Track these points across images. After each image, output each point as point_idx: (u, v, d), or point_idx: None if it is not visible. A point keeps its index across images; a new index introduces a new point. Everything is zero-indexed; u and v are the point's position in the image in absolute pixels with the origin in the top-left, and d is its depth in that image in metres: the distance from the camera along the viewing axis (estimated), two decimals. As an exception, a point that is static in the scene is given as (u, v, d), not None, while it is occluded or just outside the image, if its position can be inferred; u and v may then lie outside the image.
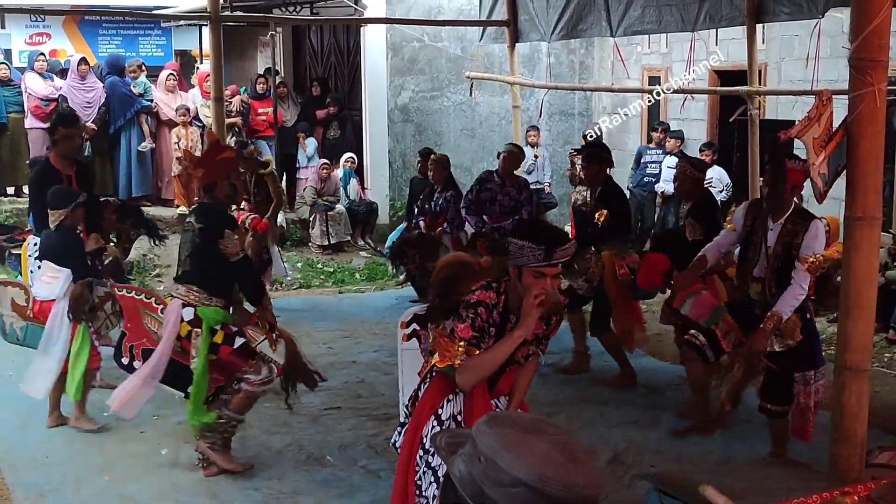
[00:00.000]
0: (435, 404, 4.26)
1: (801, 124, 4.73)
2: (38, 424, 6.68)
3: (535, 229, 4.03)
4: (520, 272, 3.94)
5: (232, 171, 6.00)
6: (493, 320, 4.06)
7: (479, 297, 4.08)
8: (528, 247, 3.88)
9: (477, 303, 4.05)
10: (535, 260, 3.88)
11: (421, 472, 4.18)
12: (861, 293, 4.46)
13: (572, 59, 14.79)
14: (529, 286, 3.92)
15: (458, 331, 4.04)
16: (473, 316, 4.02)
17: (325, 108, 14.35)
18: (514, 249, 3.93)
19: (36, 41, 14.95)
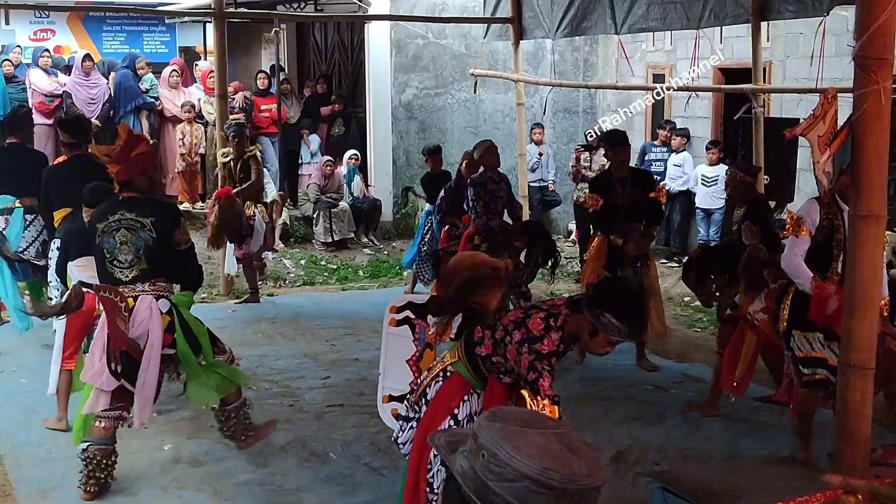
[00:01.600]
0: (452, 405, 4.31)
1: (806, 122, 4.72)
2: (41, 420, 6.68)
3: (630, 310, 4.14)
4: (595, 332, 4.12)
5: (148, 165, 5.88)
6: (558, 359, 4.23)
7: (548, 347, 4.17)
8: (619, 327, 4.08)
9: (550, 353, 4.16)
10: (618, 336, 4.11)
11: (434, 471, 4.22)
12: (865, 291, 4.44)
13: (577, 57, 14.77)
14: (600, 346, 4.18)
15: (542, 388, 4.12)
16: (549, 368, 4.15)
17: (330, 106, 14.35)
18: (606, 322, 4.06)
19: (40, 37, 14.95)
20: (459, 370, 4.36)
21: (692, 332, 9.44)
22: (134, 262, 5.57)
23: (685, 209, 12.36)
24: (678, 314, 9.91)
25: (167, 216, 5.76)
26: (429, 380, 4.47)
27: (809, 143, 4.71)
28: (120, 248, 5.58)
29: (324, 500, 5.56)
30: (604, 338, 4.12)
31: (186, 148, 13.41)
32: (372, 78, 14.09)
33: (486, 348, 4.30)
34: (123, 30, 15.54)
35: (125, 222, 5.59)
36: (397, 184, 14.06)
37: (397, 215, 13.92)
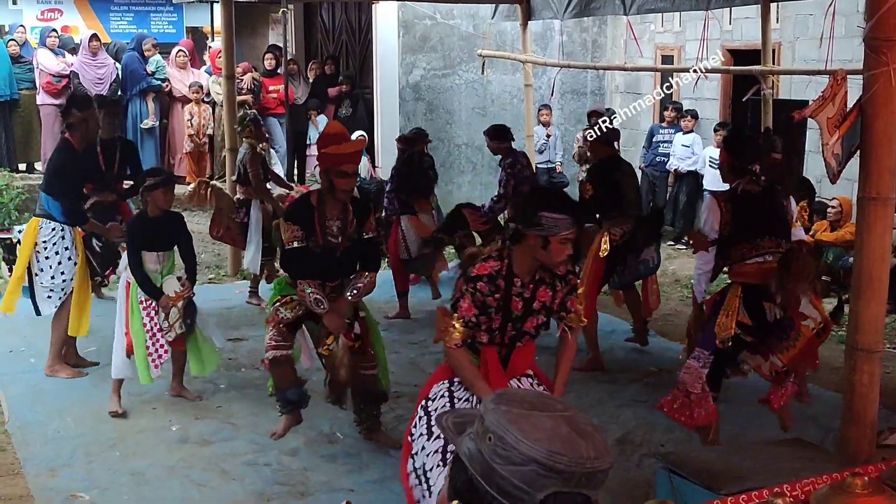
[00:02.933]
0: (450, 374, 4.38)
1: (815, 104, 4.69)
2: (49, 399, 6.71)
3: (564, 203, 4.18)
4: (546, 241, 4.06)
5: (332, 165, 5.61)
6: (497, 287, 4.18)
7: (479, 269, 4.21)
8: (564, 219, 4.05)
9: (477, 277, 4.19)
10: (567, 229, 4.05)
11: (416, 419, 4.33)
12: (873, 274, 4.44)
13: (585, 38, 14.72)
14: (559, 252, 4.09)
15: (460, 308, 4.19)
16: (473, 290, 4.17)
17: (338, 87, 14.33)
18: (548, 222, 4.04)
19: (47, 17, 14.95)
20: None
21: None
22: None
23: (692, 190, 12.32)
24: (684, 296, 9.90)
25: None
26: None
27: (818, 126, 4.68)
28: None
29: (331, 479, 5.58)
30: (555, 241, 4.06)
31: (194, 128, 13.42)
32: (379, 59, 14.06)
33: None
34: (131, 10, 15.55)
35: None
36: (405, 165, 14.01)
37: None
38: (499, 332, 4.28)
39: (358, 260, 5.86)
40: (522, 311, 4.26)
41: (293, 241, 5.61)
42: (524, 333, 4.33)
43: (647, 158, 12.68)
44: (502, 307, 4.20)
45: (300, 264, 5.67)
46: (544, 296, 4.28)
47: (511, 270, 4.19)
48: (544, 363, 4.88)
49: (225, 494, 5.42)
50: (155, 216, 6.46)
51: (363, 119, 14.25)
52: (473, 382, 4.23)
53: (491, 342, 4.30)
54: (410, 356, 7.96)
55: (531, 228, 4.08)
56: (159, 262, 6.47)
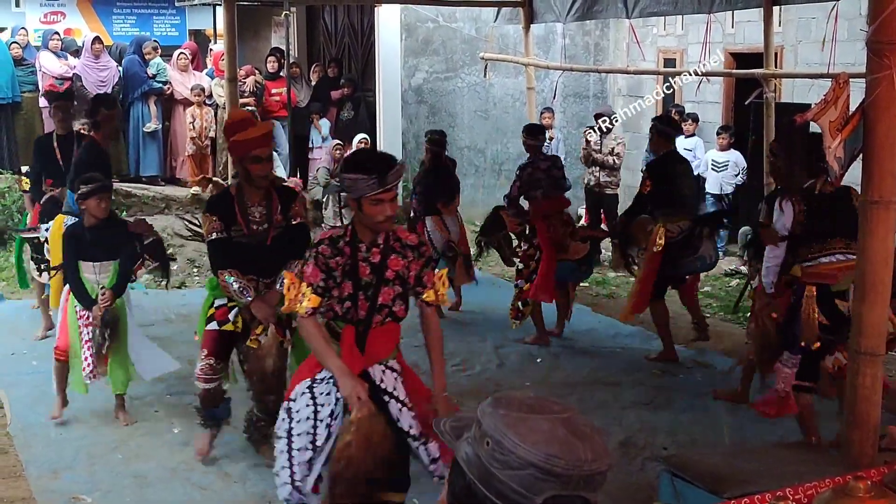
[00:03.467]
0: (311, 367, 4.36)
1: (818, 107, 4.69)
2: (51, 402, 6.71)
3: (363, 160, 4.22)
4: (360, 203, 4.12)
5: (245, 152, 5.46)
6: (341, 251, 4.21)
7: (321, 235, 4.33)
8: (361, 178, 4.06)
9: (319, 241, 4.27)
10: (370, 189, 4.06)
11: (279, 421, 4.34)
12: (876, 277, 4.43)
13: (587, 41, 14.72)
14: (372, 214, 4.11)
15: (306, 274, 4.22)
16: (316, 254, 4.22)
17: (340, 89, 14.33)
18: (349, 184, 4.12)
19: (50, 20, 14.96)
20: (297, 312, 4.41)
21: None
22: None
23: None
24: (688, 299, 9.89)
25: None
26: None
27: (821, 129, 4.68)
28: None
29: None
30: (366, 202, 4.09)
31: (196, 131, 13.42)
32: (382, 61, 14.05)
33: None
34: (133, 12, 15.56)
35: None
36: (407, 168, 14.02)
37: (407, 199, 13.89)
38: (351, 303, 4.22)
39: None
40: (373, 278, 4.23)
41: (212, 232, 5.43)
42: (381, 307, 4.28)
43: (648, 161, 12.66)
44: (349, 272, 4.20)
45: (222, 255, 5.47)
46: (396, 264, 4.28)
47: (355, 236, 4.24)
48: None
49: (227, 497, 5.43)
50: (91, 225, 6.22)
51: (365, 122, 14.25)
52: (325, 355, 4.20)
53: (346, 317, 4.25)
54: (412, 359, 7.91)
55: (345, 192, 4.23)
56: (96, 272, 6.24)
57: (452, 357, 8.03)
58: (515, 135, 14.08)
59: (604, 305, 9.72)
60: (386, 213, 4.13)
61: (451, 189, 9.28)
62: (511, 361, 8.01)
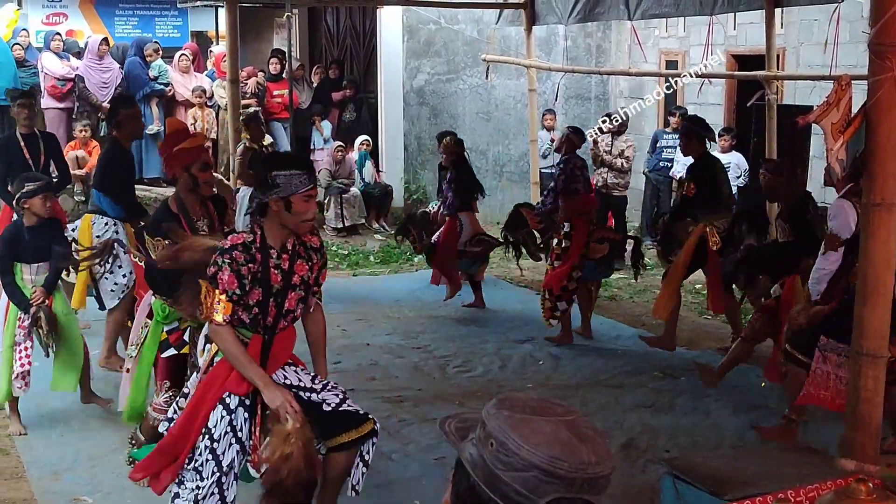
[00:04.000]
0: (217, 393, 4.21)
1: (820, 109, 4.70)
2: (53, 403, 6.72)
3: (289, 159, 4.28)
4: (288, 203, 4.07)
5: (192, 160, 5.39)
6: (253, 257, 4.13)
7: (232, 240, 4.16)
8: (297, 174, 4.07)
9: (232, 247, 4.13)
10: (304, 186, 4.09)
11: (203, 461, 4.17)
12: (878, 279, 4.43)
13: (589, 43, 14.72)
14: (303, 211, 4.11)
15: (220, 281, 4.08)
16: (230, 260, 4.09)
17: (341, 91, 14.34)
18: (283, 181, 4.06)
19: (52, 21, 14.98)
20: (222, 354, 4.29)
21: (703, 319, 9.43)
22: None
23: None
24: (688, 301, 9.89)
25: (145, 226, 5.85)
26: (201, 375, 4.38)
27: (823, 131, 4.68)
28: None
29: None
30: (297, 200, 4.08)
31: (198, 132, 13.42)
32: (384, 63, 14.06)
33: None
34: (136, 14, 15.57)
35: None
36: (408, 169, 14.05)
37: (408, 201, 13.91)
38: (260, 310, 4.18)
39: None
40: (282, 284, 4.20)
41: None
42: (287, 312, 4.27)
43: (650, 163, 12.66)
44: (261, 279, 4.14)
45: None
46: (302, 269, 4.27)
47: (265, 241, 4.16)
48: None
49: (228, 499, 5.42)
50: (32, 225, 6.08)
51: (367, 124, 14.26)
52: (247, 366, 4.12)
53: (252, 324, 4.20)
54: (414, 360, 7.97)
55: (270, 193, 4.08)
56: (33, 273, 6.16)
57: (454, 358, 8.05)
58: (517, 136, 14.13)
59: (606, 308, 9.72)
60: (313, 210, 4.19)
61: (480, 187, 9.65)
62: (513, 363, 8.01)
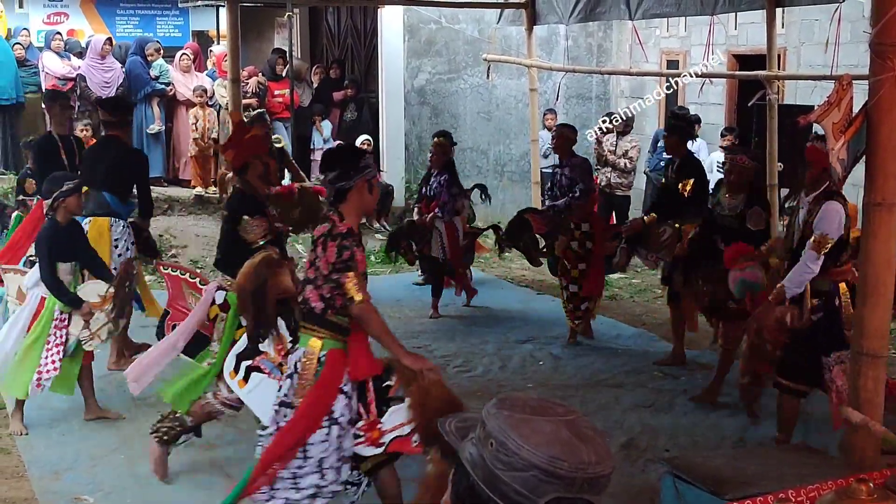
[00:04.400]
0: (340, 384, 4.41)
1: (821, 109, 4.69)
2: (53, 403, 6.72)
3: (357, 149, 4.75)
4: (370, 185, 4.40)
5: (261, 150, 5.85)
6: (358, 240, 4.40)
7: (345, 225, 4.35)
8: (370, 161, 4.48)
9: (349, 231, 4.34)
10: (375, 171, 4.49)
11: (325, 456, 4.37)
12: (878, 279, 4.43)
13: (590, 42, 14.72)
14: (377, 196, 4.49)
15: (358, 263, 4.32)
16: (356, 242, 4.35)
17: (342, 90, 14.34)
18: (367, 164, 4.41)
19: (53, 21, 14.98)
20: (329, 346, 4.41)
21: (702, 318, 9.41)
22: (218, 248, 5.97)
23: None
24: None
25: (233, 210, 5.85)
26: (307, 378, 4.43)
27: (824, 131, 4.68)
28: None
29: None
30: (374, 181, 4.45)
31: (199, 132, 13.41)
32: (385, 63, 14.06)
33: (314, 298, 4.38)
34: (137, 14, 15.57)
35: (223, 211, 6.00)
36: (409, 169, 14.04)
37: (409, 200, 13.90)
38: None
39: None
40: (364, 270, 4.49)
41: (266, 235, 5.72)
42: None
43: (651, 163, 12.64)
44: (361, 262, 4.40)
45: None
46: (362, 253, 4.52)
47: (353, 228, 4.40)
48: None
49: (229, 498, 5.42)
50: (66, 224, 6.15)
51: (368, 123, 14.25)
52: (390, 339, 4.41)
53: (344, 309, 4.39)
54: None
55: (360, 175, 4.34)
56: (72, 272, 6.20)
57: (454, 358, 8.05)
58: (518, 136, 14.13)
59: (606, 307, 9.71)
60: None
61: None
62: (513, 363, 8.01)
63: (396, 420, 4.39)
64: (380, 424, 4.45)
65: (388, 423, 4.43)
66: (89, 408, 6.52)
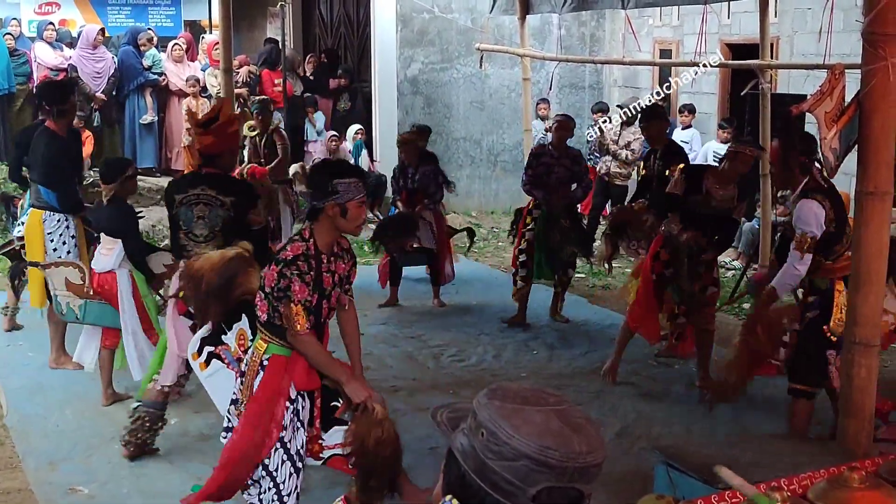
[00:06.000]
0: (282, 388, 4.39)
1: (814, 98, 4.70)
2: (48, 393, 6.72)
3: (344, 167, 4.48)
4: (344, 209, 4.26)
5: (236, 143, 5.91)
6: (310, 266, 4.29)
7: (292, 250, 4.29)
8: (354, 182, 4.31)
9: (295, 258, 4.27)
10: (359, 193, 4.31)
11: (278, 460, 4.38)
12: (871, 268, 4.45)
13: (583, 32, 14.71)
14: (356, 216, 4.34)
15: (295, 293, 4.23)
16: (298, 271, 4.25)
17: (336, 80, 14.31)
18: (342, 188, 4.26)
19: (45, 11, 14.90)
20: (273, 352, 4.42)
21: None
22: (210, 237, 5.73)
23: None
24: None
25: (246, 197, 5.87)
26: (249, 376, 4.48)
27: (816, 120, 4.69)
28: (196, 223, 5.74)
29: (329, 474, 5.57)
30: (353, 206, 4.29)
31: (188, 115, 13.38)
32: (377, 52, 14.04)
33: (261, 307, 4.40)
34: (129, 3, 15.48)
35: (204, 197, 5.74)
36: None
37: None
38: (316, 312, 4.36)
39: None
40: (331, 285, 4.41)
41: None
42: (331, 309, 4.49)
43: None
44: (316, 284, 4.31)
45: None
46: (340, 268, 4.47)
47: (317, 248, 4.33)
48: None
49: (224, 488, 5.42)
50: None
51: (361, 113, 14.24)
52: (332, 367, 4.39)
53: (311, 326, 4.37)
54: (408, 350, 7.98)
55: (328, 199, 4.25)
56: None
57: (448, 348, 8.06)
58: (511, 126, 14.12)
59: (599, 296, 9.74)
60: (364, 215, 4.43)
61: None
62: (507, 352, 8.02)
63: (337, 439, 4.45)
64: (321, 440, 4.51)
65: (330, 441, 4.50)
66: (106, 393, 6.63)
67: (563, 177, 8.54)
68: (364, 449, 4.22)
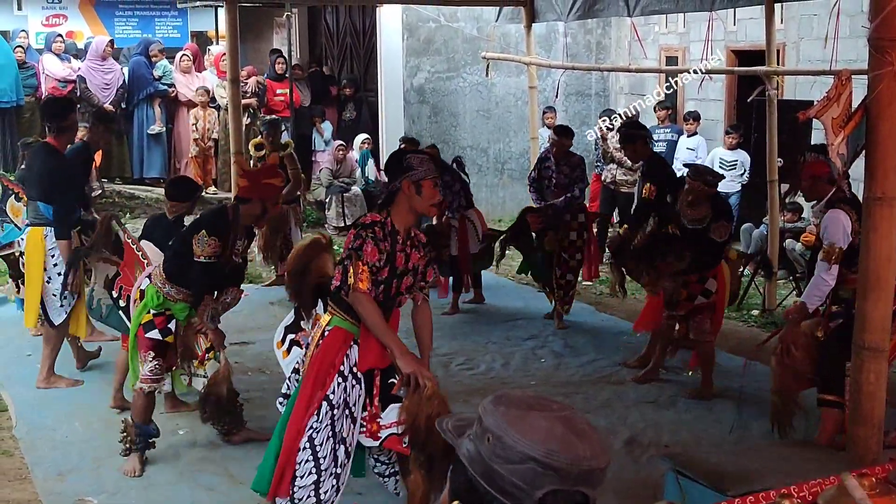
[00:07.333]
0: (336, 360, 4.49)
1: (820, 104, 4.70)
2: (56, 404, 6.73)
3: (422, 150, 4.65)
4: (419, 186, 4.38)
5: (269, 196, 5.66)
6: (386, 237, 4.41)
7: (372, 217, 4.45)
8: (427, 161, 4.47)
9: (373, 223, 4.41)
10: (432, 172, 4.45)
11: (314, 432, 4.45)
12: (880, 274, 4.44)
13: (589, 40, 14.72)
14: (431, 195, 4.43)
15: (365, 253, 4.34)
16: (373, 235, 4.37)
17: (341, 89, 14.35)
18: (416, 164, 4.41)
19: (52, 23, 14.97)
20: (335, 324, 4.52)
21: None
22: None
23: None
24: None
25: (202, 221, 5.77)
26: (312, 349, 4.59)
27: (823, 126, 4.69)
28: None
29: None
30: (427, 184, 4.40)
31: (199, 133, 13.44)
32: (384, 61, 14.07)
33: (336, 277, 4.47)
34: (135, 15, 15.55)
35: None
36: (409, 168, 14.03)
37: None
38: (384, 287, 4.44)
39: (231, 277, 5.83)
40: (403, 267, 4.49)
41: (211, 255, 5.49)
42: (400, 293, 4.56)
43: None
44: (389, 259, 4.41)
45: (210, 280, 5.63)
46: (415, 258, 4.55)
47: (394, 226, 4.44)
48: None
49: (234, 498, 5.43)
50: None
51: (367, 122, 14.27)
52: (385, 333, 4.43)
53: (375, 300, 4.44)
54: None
55: (405, 176, 4.37)
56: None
57: (457, 356, 8.06)
58: (517, 134, 14.14)
59: (608, 304, 9.72)
60: (438, 196, 4.52)
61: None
62: (516, 360, 8.02)
63: (393, 417, 4.47)
64: (379, 419, 4.53)
65: (387, 419, 4.52)
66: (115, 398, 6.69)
67: (562, 183, 8.73)
68: (417, 426, 4.26)
